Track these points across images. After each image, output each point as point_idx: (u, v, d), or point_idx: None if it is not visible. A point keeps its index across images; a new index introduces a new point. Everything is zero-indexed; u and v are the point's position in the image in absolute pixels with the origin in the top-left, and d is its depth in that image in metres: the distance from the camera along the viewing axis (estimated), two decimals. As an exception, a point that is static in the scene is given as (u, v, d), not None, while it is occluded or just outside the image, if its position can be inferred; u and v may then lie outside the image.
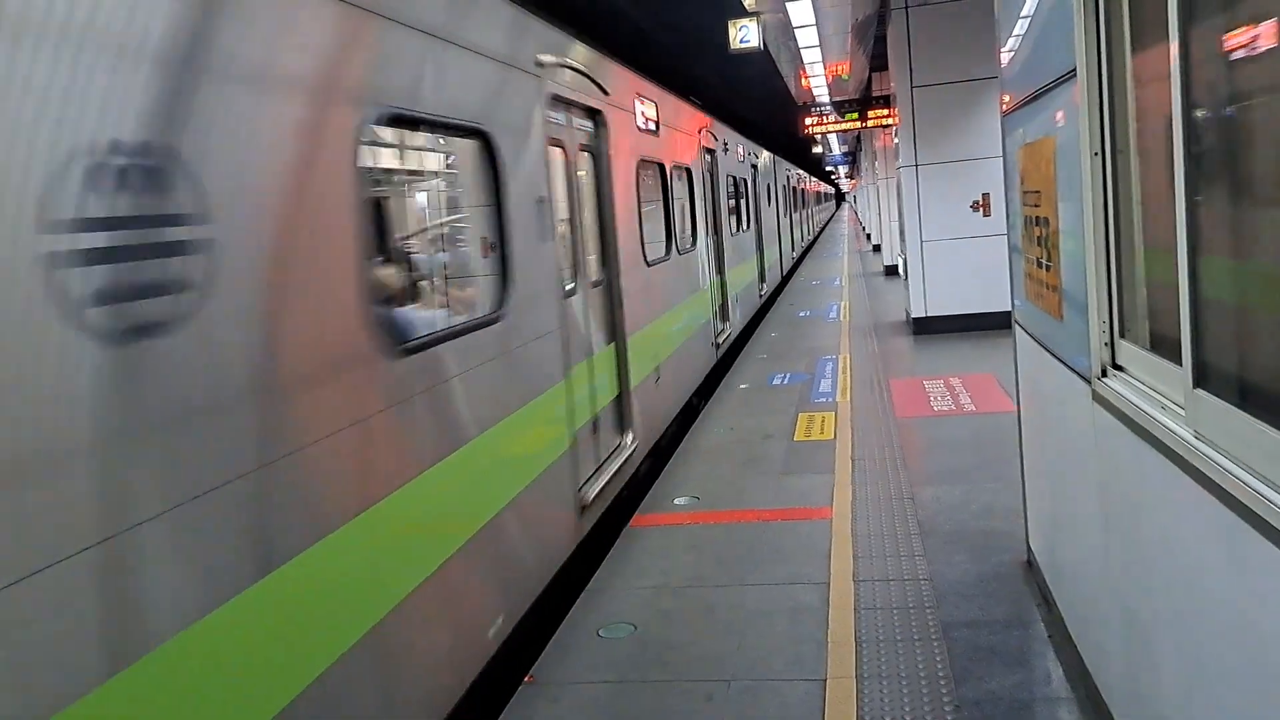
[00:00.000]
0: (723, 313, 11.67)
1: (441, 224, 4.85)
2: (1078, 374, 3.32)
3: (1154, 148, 2.63)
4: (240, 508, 2.47)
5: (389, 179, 4.22)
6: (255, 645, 2.51)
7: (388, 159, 4.02)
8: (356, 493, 3.06)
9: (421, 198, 4.71)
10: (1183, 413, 2.31)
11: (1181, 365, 2.27)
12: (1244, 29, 1.93)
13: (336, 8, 3.11)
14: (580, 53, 6.14)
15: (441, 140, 4.26)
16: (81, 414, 1.98)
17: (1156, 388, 2.60)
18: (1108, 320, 3.00)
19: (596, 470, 5.86)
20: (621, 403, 6.59)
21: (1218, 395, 2.11)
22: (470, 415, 3.98)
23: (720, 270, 11.70)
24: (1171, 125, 2.22)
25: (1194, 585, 2.27)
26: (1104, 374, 3.04)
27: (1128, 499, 2.85)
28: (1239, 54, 1.96)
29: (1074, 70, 3.03)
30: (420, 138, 4.16)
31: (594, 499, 5.57)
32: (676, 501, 6.45)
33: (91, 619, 1.98)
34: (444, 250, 5.02)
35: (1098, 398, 3.05)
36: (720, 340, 11.25)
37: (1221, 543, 2.05)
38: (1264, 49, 1.85)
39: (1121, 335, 2.97)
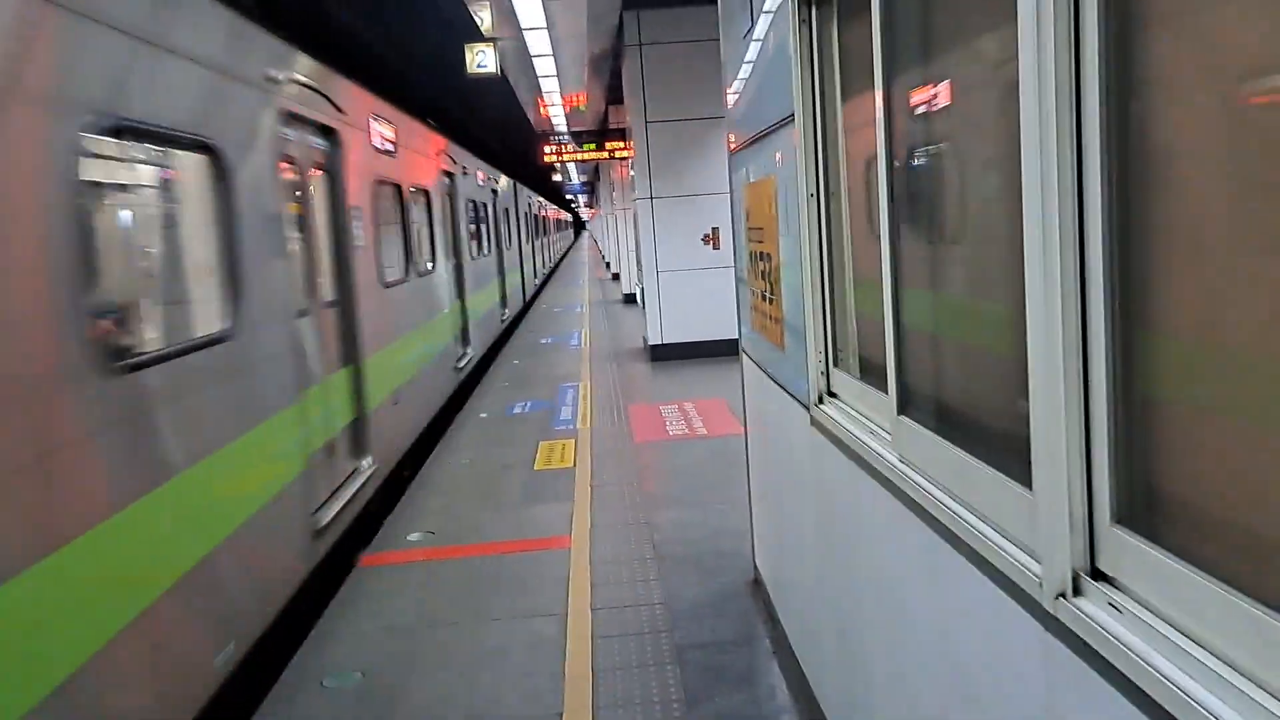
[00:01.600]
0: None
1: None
2: (798, 401, 3.49)
3: (861, 190, 2.82)
4: None
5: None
6: None
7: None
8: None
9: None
10: (889, 437, 2.46)
11: (888, 393, 2.42)
12: (927, 88, 2.10)
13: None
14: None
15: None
16: None
17: (867, 414, 2.77)
18: (823, 350, 3.18)
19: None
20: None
21: (918, 421, 2.27)
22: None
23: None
24: (875, 170, 2.38)
25: (900, 598, 2.42)
26: (820, 401, 3.21)
27: (842, 519, 3.01)
28: (926, 108, 2.13)
29: (792, 115, 3.20)
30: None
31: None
32: (410, 538, 6.20)
33: None
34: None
35: (815, 423, 3.22)
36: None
37: (922, 558, 2.19)
38: (943, 106, 2.02)
39: (835, 364, 3.15)
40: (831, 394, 3.19)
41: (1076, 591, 1.48)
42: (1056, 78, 1.42)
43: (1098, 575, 1.46)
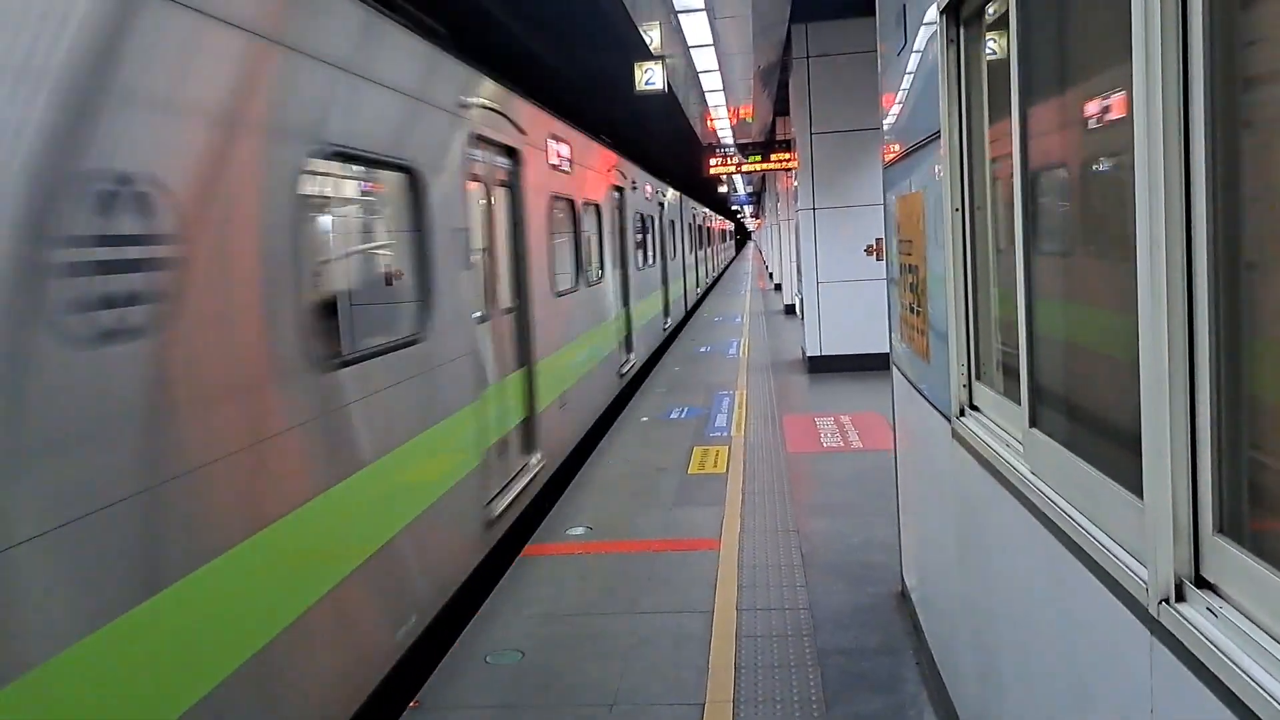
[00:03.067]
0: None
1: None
2: (941, 413, 3.55)
3: (1005, 205, 2.87)
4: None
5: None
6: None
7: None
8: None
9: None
10: (1021, 449, 2.52)
11: (1021, 406, 2.48)
12: (1060, 105, 2.17)
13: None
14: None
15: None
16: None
17: (1004, 427, 2.82)
18: (965, 363, 3.23)
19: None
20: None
21: (1049, 434, 2.32)
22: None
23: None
24: (1013, 185, 2.45)
25: (1029, 610, 2.47)
26: (962, 413, 3.26)
27: (978, 531, 3.06)
28: (1058, 125, 2.19)
29: (937, 132, 3.28)
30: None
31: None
32: (569, 531, 6.52)
33: None
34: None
35: (956, 436, 3.27)
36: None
37: (1050, 570, 2.25)
38: (1075, 121, 2.08)
39: (978, 377, 3.20)
40: (973, 407, 3.23)
41: (1180, 598, 1.54)
42: (1164, 99, 1.49)
43: (1201, 583, 1.52)
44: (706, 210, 34.59)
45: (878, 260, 12.43)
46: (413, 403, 4.56)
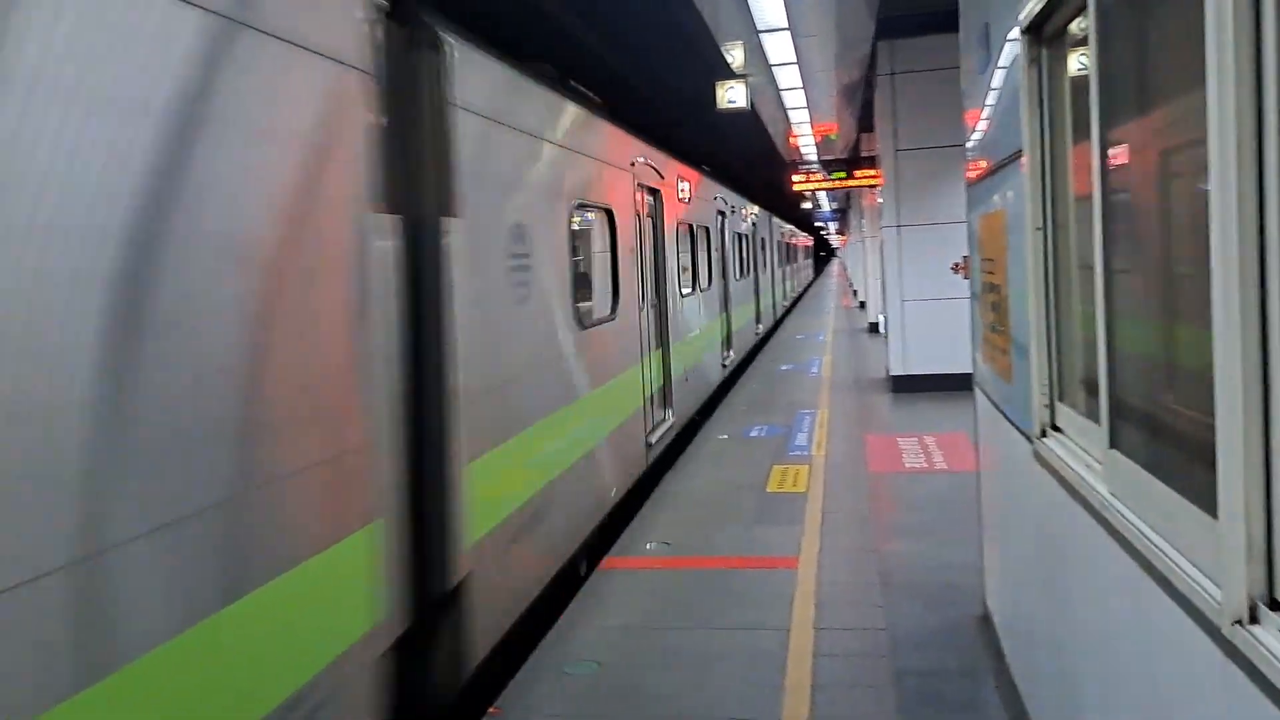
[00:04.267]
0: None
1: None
2: (1023, 434, 3.51)
3: (1087, 225, 2.86)
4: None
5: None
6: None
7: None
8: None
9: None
10: (1101, 470, 2.49)
11: (1100, 426, 2.46)
12: (1140, 123, 2.16)
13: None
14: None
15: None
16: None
17: (1085, 448, 2.79)
18: (1047, 383, 3.20)
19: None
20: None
21: (1129, 456, 2.30)
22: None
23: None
24: (1093, 204, 2.44)
25: (1109, 633, 2.44)
26: (1043, 434, 3.23)
27: (1058, 553, 3.02)
28: (1139, 143, 2.19)
29: (1020, 151, 3.27)
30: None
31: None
32: (647, 546, 6.59)
33: None
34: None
35: (1038, 457, 3.24)
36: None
37: (1128, 593, 2.23)
38: (1155, 140, 2.08)
39: (1060, 398, 3.16)
40: (1055, 427, 3.20)
41: (1253, 619, 1.53)
42: (1239, 119, 1.50)
43: (1275, 605, 1.51)
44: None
45: (965, 278, 12.25)
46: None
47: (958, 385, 11.93)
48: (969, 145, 4.76)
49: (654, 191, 9.26)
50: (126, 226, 2.24)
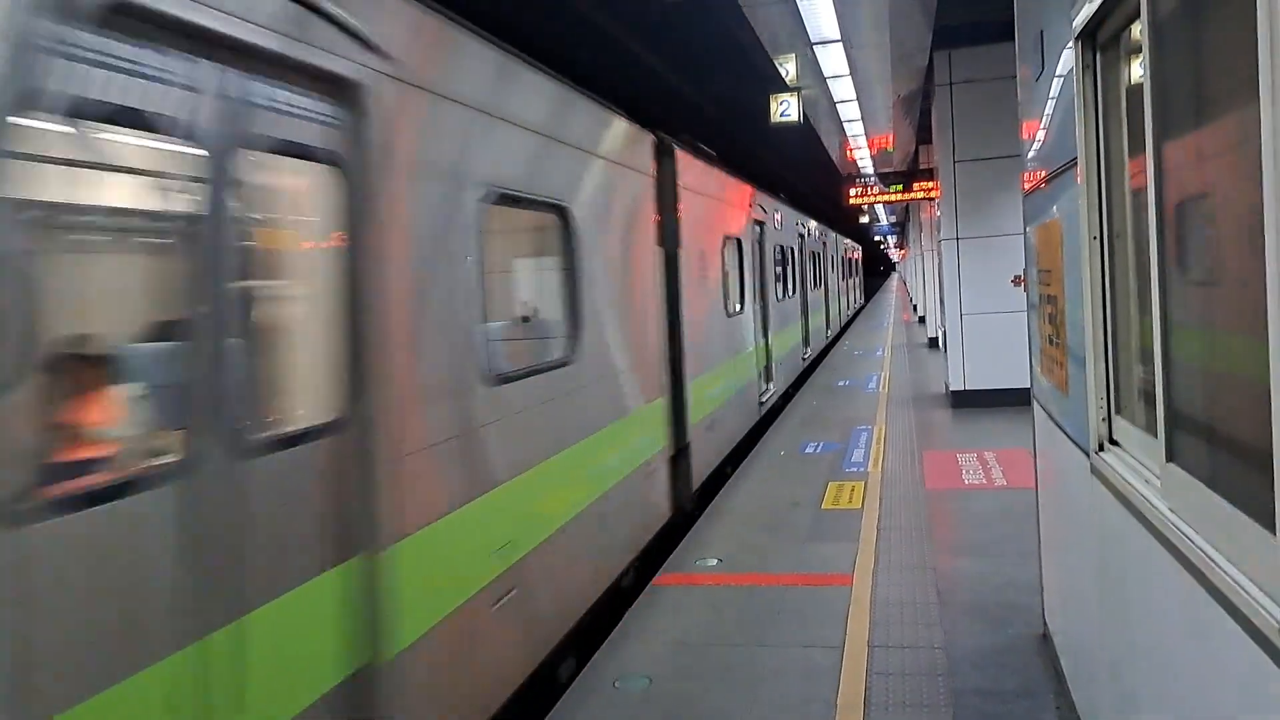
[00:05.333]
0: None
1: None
2: (1080, 448, 3.43)
3: (1143, 233, 2.79)
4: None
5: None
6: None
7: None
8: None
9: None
10: (1160, 485, 2.42)
11: (1158, 439, 2.39)
12: (1196, 130, 2.10)
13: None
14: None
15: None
16: None
17: (1144, 462, 2.72)
18: (1105, 396, 3.12)
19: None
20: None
21: (1189, 471, 2.23)
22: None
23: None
24: (1148, 212, 2.38)
25: (1168, 653, 2.37)
26: (1101, 448, 3.15)
27: (1117, 570, 2.94)
28: (1195, 151, 2.13)
29: (1074, 159, 3.20)
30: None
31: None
32: (701, 562, 6.55)
33: None
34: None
35: (1095, 471, 3.16)
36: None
37: (1188, 611, 2.16)
38: (1216, 156, 2.02)
39: (1118, 411, 3.08)
40: (1113, 441, 3.12)
41: (1315, 639, 1.47)
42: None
43: (1338, 624, 1.45)
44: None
45: (1025, 291, 12.03)
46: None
47: (1018, 400, 11.69)
48: (1025, 154, 4.68)
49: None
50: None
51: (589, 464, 5.49)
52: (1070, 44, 3.21)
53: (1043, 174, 4.02)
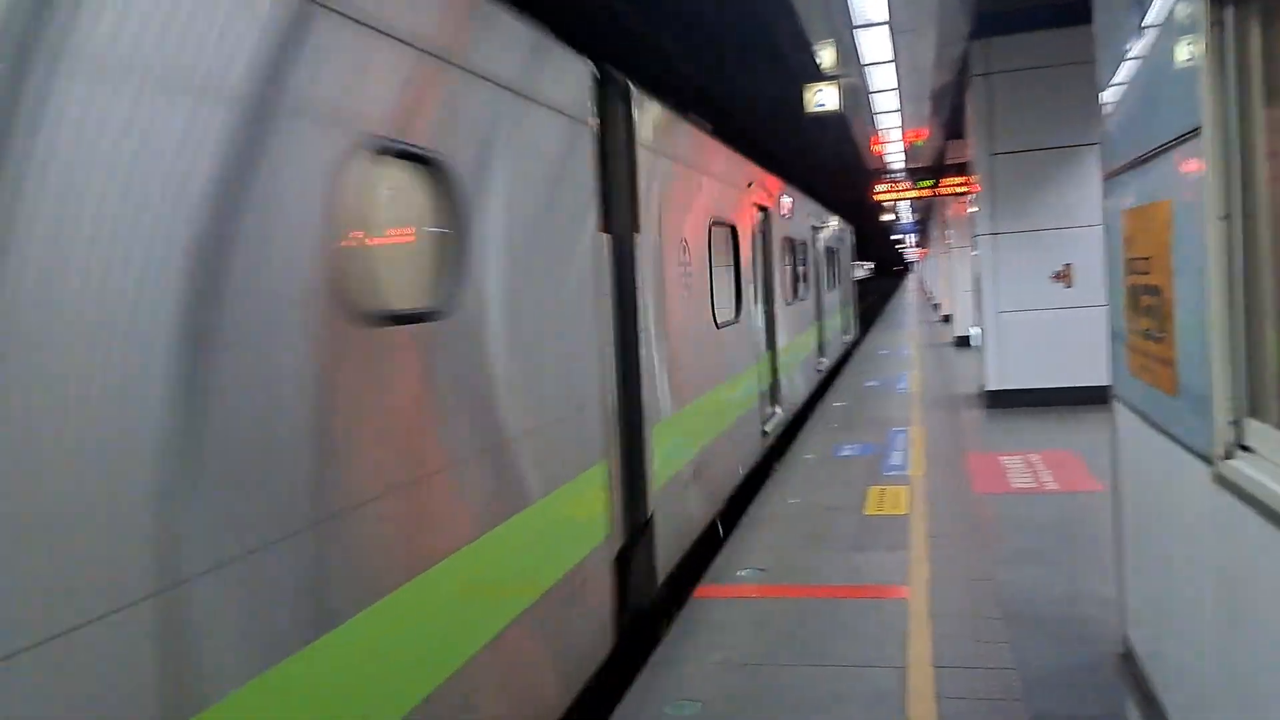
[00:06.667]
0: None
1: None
2: (1196, 454, 3.07)
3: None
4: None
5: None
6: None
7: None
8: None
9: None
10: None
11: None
12: None
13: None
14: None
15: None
16: None
17: (1294, 471, 2.36)
18: (1236, 397, 2.76)
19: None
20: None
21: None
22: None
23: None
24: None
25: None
26: (1228, 455, 2.79)
27: (1252, 591, 2.58)
28: None
29: (1196, 129, 2.84)
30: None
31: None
32: (740, 573, 6.20)
33: None
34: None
35: (1220, 480, 2.80)
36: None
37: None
38: None
39: (1252, 413, 2.72)
40: (1244, 447, 2.76)
41: None
42: None
43: None
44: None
45: (1066, 287, 11.62)
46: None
47: (1062, 399, 11.34)
48: (1109, 133, 4.31)
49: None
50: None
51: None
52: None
53: (1140, 152, 3.66)
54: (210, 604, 2.14)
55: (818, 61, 10.30)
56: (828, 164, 24.01)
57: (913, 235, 54.34)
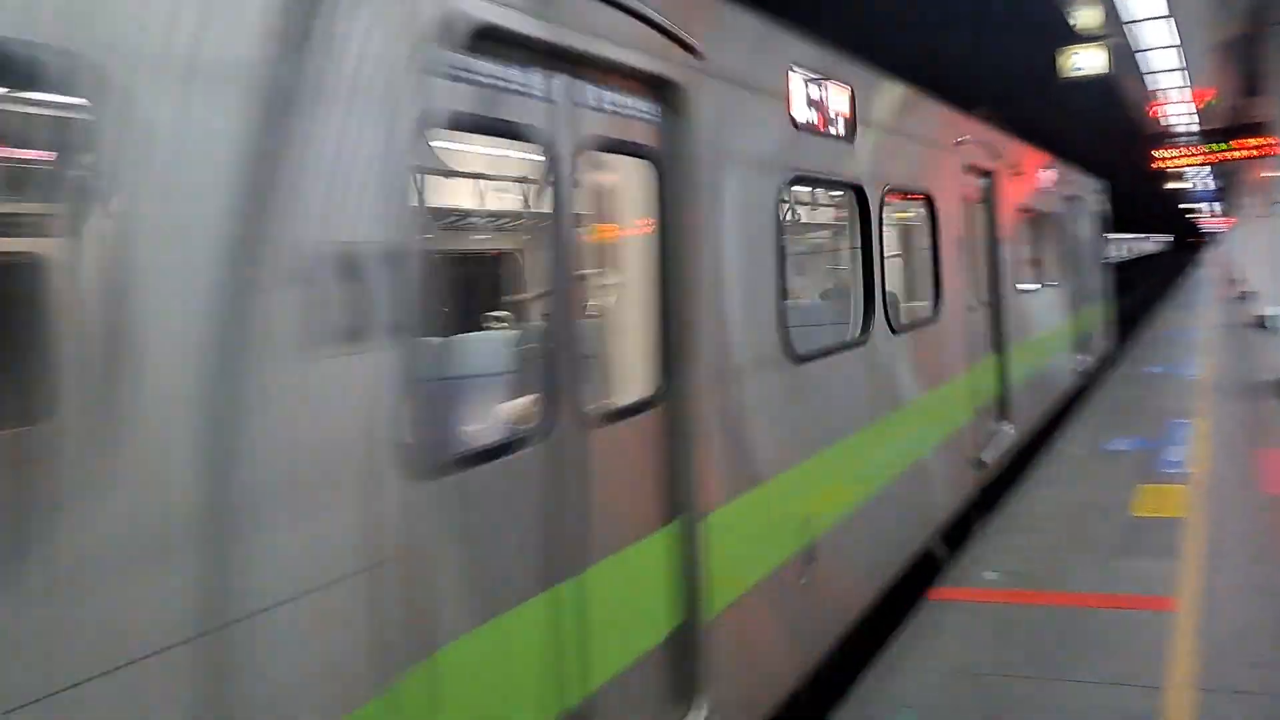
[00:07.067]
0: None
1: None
2: None
3: None
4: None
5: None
6: None
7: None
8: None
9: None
10: None
11: None
12: None
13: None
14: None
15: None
16: None
17: None
18: None
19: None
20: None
21: None
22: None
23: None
24: None
25: None
26: None
27: None
28: None
29: None
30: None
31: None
32: (986, 575, 5.85)
33: None
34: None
35: None
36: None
37: None
38: None
39: None
40: None
41: None
42: None
43: None
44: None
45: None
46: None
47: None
48: None
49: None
50: None
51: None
52: None
53: None
54: None
55: (1071, 23, 9.47)
56: (1102, 130, 22.05)
57: (1215, 204, 48.88)
